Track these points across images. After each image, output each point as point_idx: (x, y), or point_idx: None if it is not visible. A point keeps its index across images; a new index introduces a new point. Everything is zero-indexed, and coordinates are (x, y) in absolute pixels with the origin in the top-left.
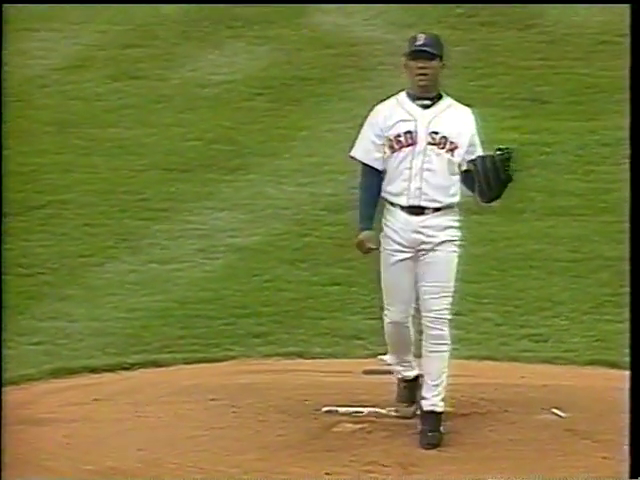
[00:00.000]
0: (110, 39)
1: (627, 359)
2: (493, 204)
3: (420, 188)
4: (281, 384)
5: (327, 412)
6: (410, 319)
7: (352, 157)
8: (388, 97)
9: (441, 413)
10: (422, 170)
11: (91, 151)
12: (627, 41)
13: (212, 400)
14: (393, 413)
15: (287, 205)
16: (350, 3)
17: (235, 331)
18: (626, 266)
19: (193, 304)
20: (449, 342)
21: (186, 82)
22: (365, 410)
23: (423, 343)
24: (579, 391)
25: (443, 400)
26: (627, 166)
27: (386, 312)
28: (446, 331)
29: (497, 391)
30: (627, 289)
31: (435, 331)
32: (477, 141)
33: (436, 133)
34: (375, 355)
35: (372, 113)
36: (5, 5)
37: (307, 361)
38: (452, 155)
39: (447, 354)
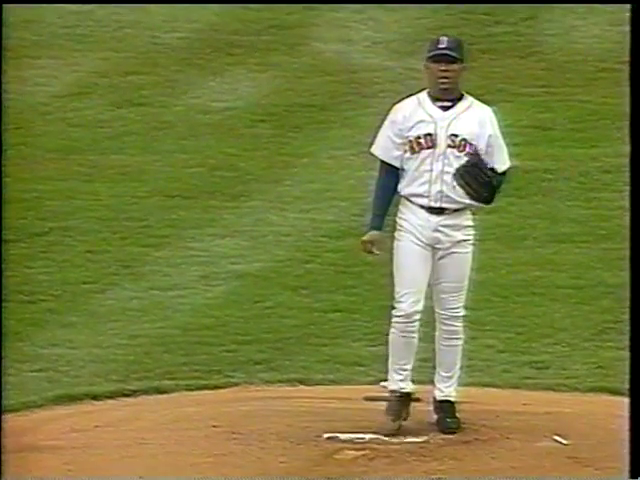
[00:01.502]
0: (112, 66)
1: (629, 386)
2: (491, 204)
3: (441, 191)
4: (282, 411)
5: (329, 439)
6: (418, 321)
7: (372, 154)
8: (409, 95)
9: (454, 402)
10: (443, 173)
11: (93, 178)
12: (628, 68)
13: (214, 427)
14: (395, 440)
15: (289, 232)
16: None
17: (237, 358)
18: (628, 293)
19: (195, 331)
20: (462, 336)
21: (188, 109)
22: (367, 437)
23: (437, 336)
24: (581, 418)
25: (457, 391)
26: (628, 194)
27: (396, 305)
28: (460, 326)
29: (499, 418)
30: (628, 316)
31: (449, 327)
32: (498, 141)
33: (456, 136)
34: (377, 382)
35: (392, 111)
36: (6, 33)
37: (309, 388)
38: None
39: (460, 347)
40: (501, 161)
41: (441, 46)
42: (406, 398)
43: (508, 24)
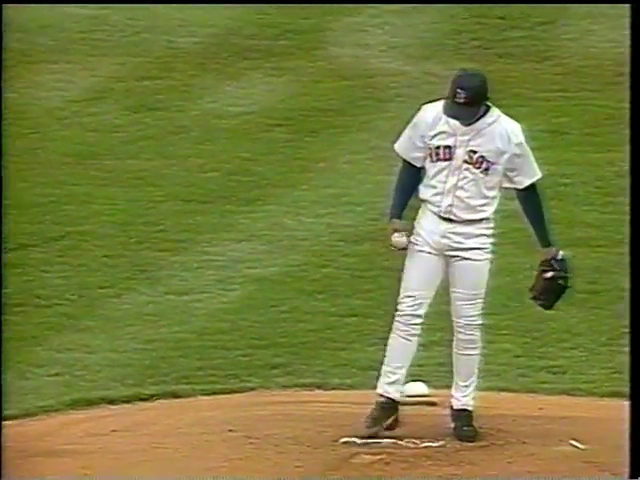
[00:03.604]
0: (128, 71)
1: None
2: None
3: (451, 205)
4: (299, 415)
5: (345, 443)
6: (418, 325)
7: (395, 151)
8: (437, 100)
9: (471, 412)
10: (456, 188)
11: (109, 182)
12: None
13: (230, 431)
14: (411, 445)
15: (305, 236)
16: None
17: (253, 362)
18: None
19: (211, 335)
20: (480, 346)
21: (204, 113)
22: (383, 441)
23: (454, 344)
24: (597, 423)
25: (474, 399)
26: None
27: (398, 307)
28: (477, 335)
29: (515, 422)
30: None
31: (466, 336)
32: (525, 158)
33: (474, 152)
34: None
35: (420, 113)
36: (22, 38)
37: (325, 392)
38: (486, 174)
39: (477, 357)
40: (526, 175)
41: (459, 101)
42: (391, 405)
43: (524, 28)
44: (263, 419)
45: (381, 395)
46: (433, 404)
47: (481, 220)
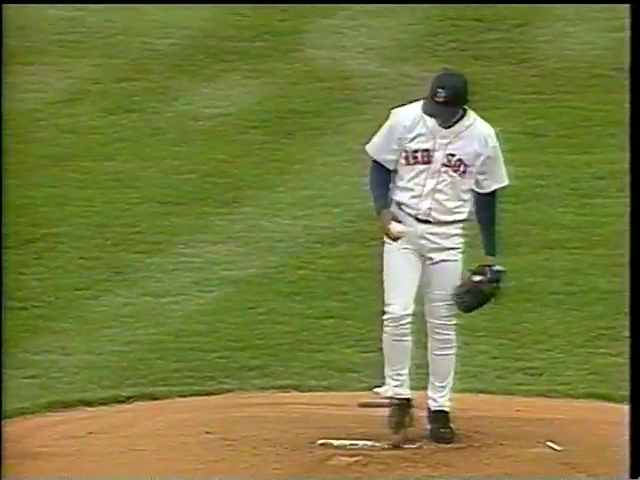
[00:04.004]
0: (104, 73)
1: (622, 392)
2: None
3: (430, 208)
4: (276, 417)
5: (322, 445)
6: (409, 324)
7: (367, 152)
8: (411, 102)
9: (448, 412)
10: (434, 191)
11: (86, 184)
12: (621, 75)
13: (207, 433)
14: (386, 445)
15: (282, 238)
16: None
17: (230, 364)
18: (621, 299)
19: (188, 337)
20: (455, 345)
21: (181, 115)
22: (360, 443)
23: (429, 345)
24: (574, 424)
25: (450, 400)
26: (621, 199)
27: (386, 309)
28: (453, 335)
29: (492, 424)
30: (622, 322)
31: (442, 336)
32: (496, 162)
33: (453, 155)
34: (370, 388)
35: (395, 116)
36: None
37: (302, 394)
38: (463, 177)
39: (453, 357)
40: (494, 180)
41: (438, 100)
42: (406, 404)
43: (500, 30)
44: (240, 421)
45: (392, 398)
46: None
47: (457, 221)
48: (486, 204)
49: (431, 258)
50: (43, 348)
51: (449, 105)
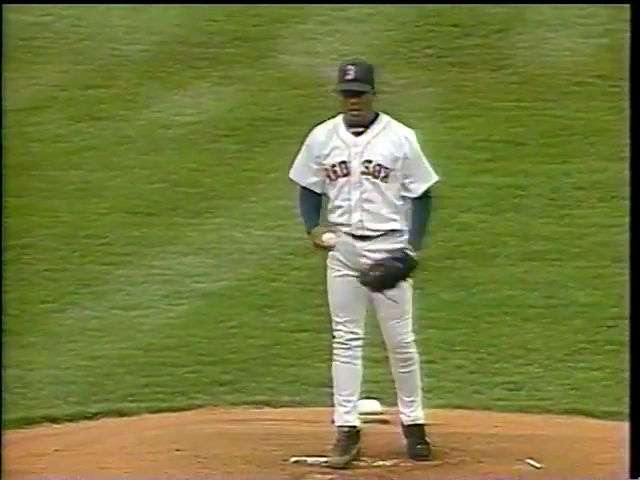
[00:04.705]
0: (71, 79)
1: (604, 408)
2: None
3: (362, 220)
4: (248, 434)
5: (295, 463)
6: (359, 347)
7: (291, 179)
8: (326, 120)
9: (423, 425)
10: (361, 201)
11: (52, 194)
12: (603, 82)
13: (177, 450)
14: (363, 464)
15: (254, 249)
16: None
17: (201, 379)
18: (602, 312)
19: (157, 351)
20: (416, 360)
21: (150, 123)
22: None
23: (391, 363)
24: (554, 441)
25: (421, 411)
26: (603, 210)
27: (334, 333)
28: (411, 352)
29: (470, 441)
30: (603, 335)
31: (400, 355)
32: (416, 162)
33: (369, 162)
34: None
35: (310, 136)
36: None
37: (275, 410)
38: (387, 182)
39: (417, 371)
40: (421, 180)
41: (348, 78)
42: (354, 433)
43: (478, 36)
44: (211, 438)
45: (341, 427)
46: (385, 422)
47: (394, 232)
48: (418, 209)
49: None
50: (8, 363)
51: (358, 81)
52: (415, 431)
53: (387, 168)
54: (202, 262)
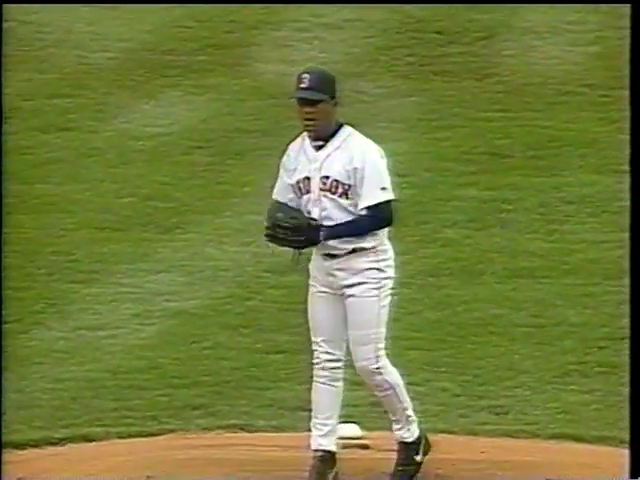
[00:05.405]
0: (36, 88)
1: (594, 432)
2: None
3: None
4: (222, 459)
5: None
6: (339, 369)
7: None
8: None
9: (411, 442)
10: (322, 219)
11: (16, 209)
12: (592, 92)
13: (148, 477)
14: None
15: (228, 267)
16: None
17: (172, 403)
18: (592, 332)
19: (127, 374)
20: (393, 384)
21: (119, 134)
22: None
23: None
24: (543, 467)
25: (410, 430)
26: (592, 225)
27: (313, 353)
28: (379, 378)
29: (455, 467)
30: (593, 357)
31: (371, 382)
32: (370, 178)
33: (327, 178)
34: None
35: (286, 151)
36: None
37: (250, 435)
38: (347, 198)
39: (394, 395)
40: (367, 197)
41: (302, 86)
42: (329, 457)
43: (462, 44)
44: (184, 464)
45: (315, 451)
46: (366, 447)
47: (364, 250)
48: (363, 216)
49: (342, 294)
50: None
51: (313, 89)
52: (402, 449)
53: (344, 184)
54: (174, 280)
